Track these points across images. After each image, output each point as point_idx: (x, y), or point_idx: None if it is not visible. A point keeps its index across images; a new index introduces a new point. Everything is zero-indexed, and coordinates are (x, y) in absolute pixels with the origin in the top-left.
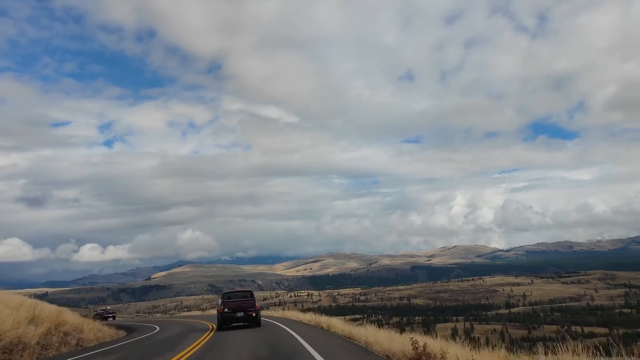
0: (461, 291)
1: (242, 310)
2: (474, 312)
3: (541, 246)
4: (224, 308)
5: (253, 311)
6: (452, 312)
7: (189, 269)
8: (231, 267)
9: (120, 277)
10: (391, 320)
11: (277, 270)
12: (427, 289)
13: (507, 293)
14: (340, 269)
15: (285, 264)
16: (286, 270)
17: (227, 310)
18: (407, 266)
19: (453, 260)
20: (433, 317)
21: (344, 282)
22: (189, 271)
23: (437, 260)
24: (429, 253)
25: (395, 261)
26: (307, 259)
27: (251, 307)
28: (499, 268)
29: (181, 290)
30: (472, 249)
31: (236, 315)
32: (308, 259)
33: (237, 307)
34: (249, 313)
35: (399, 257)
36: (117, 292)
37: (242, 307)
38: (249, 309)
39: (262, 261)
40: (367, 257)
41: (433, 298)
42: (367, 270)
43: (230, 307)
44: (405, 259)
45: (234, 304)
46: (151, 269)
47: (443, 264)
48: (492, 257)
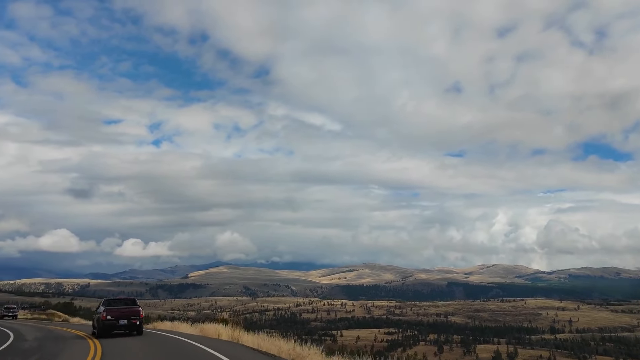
0: (501, 312)
1: (125, 318)
2: (516, 334)
3: (586, 270)
4: (107, 315)
5: (137, 319)
6: (493, 333)
7: (225, 269)
8: (266, 271)
9: (159, 273)
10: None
11: (312, 277)
12: (465, 307)
13: (551, 317)
14: (375, 280)
15: (320, 271)
16: (320, 278)
17: (109, 317)
18: (443, 282)
19: (492, 279)
20: (472, 337)
21: (378, 294)
22: (225, 272)
23: (475, 278)
24: (466, 270)
25: (431, 276)
26: (342, 267)
27: (135, 314)
28: (540, 290)
29: (216, 290)
30: (512, 269)
31: (119, 323)
32: (343, 268)
33: (121, 314)
34: (132, 321)
35: (435, 272)
36: (154, 288)
37: (126, 315)
38: (133, 317)
39: (297, 267)
40: (403, 270)
41: (472, 317)
42: (403, 283)
43: (114, 314)
44: (441, 274)
45: (117, 312)
46: (189, 268)
47: (481, 282)
48: (533, 279)
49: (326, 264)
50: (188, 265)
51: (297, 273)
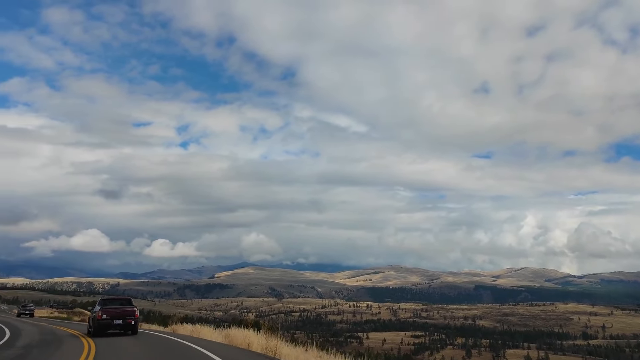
0: (531, 316)
1: (121, 318)
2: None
3: (619, 275)
4: (102, 314)
5: (132, 319)
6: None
7: (251, 270)
8: (292, 273)
9: (186, 273)
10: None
11: (337, 279)
12: (493, 311)
13: (583, 323)
14: (401, 282)
15: (346, 273)
16: (346, 280)
17: (105, 317)
18: (470, 285)
19: (520, 282)
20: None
21: (404, 296)
22: (251, 273)
23: (503, 282)
24: (494, 273)
25: (458, 279)
26: (368, 269)
27: (131, 314)
28: (570, 295)
29: (242, 291)
30: (542, 273)
31: (114, 323)
32: (368, 270)
33: (116, 314)
34: (127, 321)
35: (462, 275)
36: (182, 288)
37: (121, 315)
38: (128, 317)
39: (322, 268)
40: (429, 273)
41: (500, 321)
42: (429, 286)
43: (109, 313)
44: (468, 277)
45: (113, 311)
46: (215, 268)
47: (509, 285)
48: (563, 283)
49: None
50: (215, 266)
51: (322, 274)
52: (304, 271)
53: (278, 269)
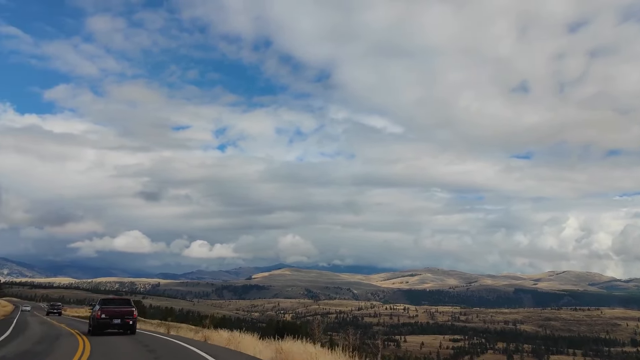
0: (575, 321)
1: (119, 317)
2: (592, 346)
3: None
4: (101, 314)
5: (130, 319)
6: (567, 344)
7: (288, 272)
8: (328, 274)
9: (224, 274)
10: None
11: (373, 281)
12: (534, 315)
13: (631, 329)
14: (438, 285)
15: (382, 275)
16: (382, 282)
17: (104, 316)
18: (510, 288)
19: (562, 286)
20: (544, 346)
21: (442, 299)
22: (287, 274)
23: (544, 285)
24: (534, 276)
25: (497, 282)
26: (404, 271)
27: (129, 314)
28: (616, 299)
29: (279, 292)
30: (585, 276)
31: (113, 322)
32: (405, 272)
33: (115, 313)
34: (126, 320)
35: (501, 278)
36: (220, 288)
37: (120, 314)
38: (126, 317)
39: (358, 270)
40: (467, 276)
41: (542, 326)
42: (467, 289)
43: (108, 313)
44: (508, 280)
45: (112, 311)
46: (252, 269)
47: (551, 289)
48: (608, 287)
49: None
50: (252, 267)
51: (358, 276)
52: (340, 273)
53: (314, 270)
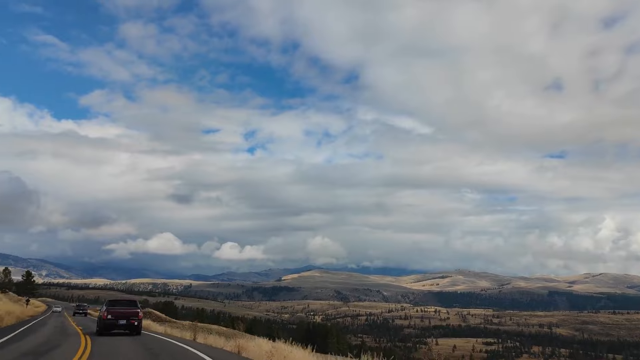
0: (614, 325)
1: (125, 318)
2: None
3: None
4: (107, 315)
5: (136, 320)
6: (606, 349)
7: (317, 273)
8: (357, 276)
9: (254, 276)
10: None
11: (403, 282)
12: (570, 319)
13: None
14: (469, 287)
15: (412, 277)
16: (412, 284)
17: (110, 317)
18: (543, 291)
19: (599, 289)
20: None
21: (473, 302)
22: (317, 276)
23: (580, 288)
24: (569, 279)
25: (530, 284)
26: (434, 273)
27: (134, 315)
28: None
29: (308, 294)
30: (623, 279)
31: (119, 323)
32: (435, 274)
33: (121, 314)
34: (131, 321)
35: (534, 280)
36: (250, 290)
37: (125, 315)
38: (132, 318)
39: (387, 272)
40: (499, 278)
41: (579, 329)
42: (499, 291)
43: (114, 314)
44: (541, 282)
45: (118, 312)
46: (282, 271)
47: (587, 292)
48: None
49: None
50: (281, 269)
51: (388, 278)
52: (369, 275)
53: (343, 272)
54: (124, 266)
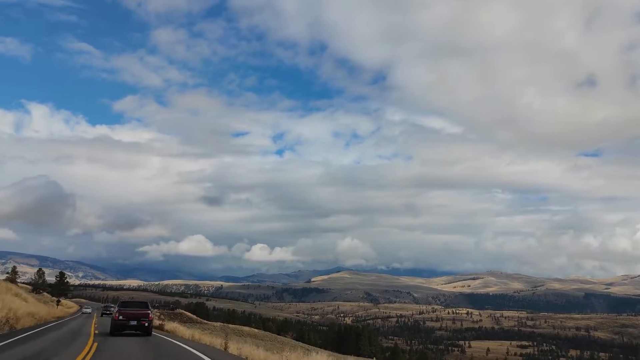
0: None
1: (136, 319)
2: None
3: None
4: (119, 315)
5: (146, 321)
6: None
7: (346, 275)
8: (387, 277)
9: (284, 277)
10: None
11: (434, 284)
12: (609, 321)
13: None
14: (501, 288)
15: (443, 278)
16: (443, 285)
17: (121, 317)
18: (579, 293)
19: (639, 291)
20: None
21: (506, 304)
22: (346, 277)
23: (618, 290)
24: (606, 280)
25: (565, 286)
26: (465, 275)
27: (145, 317)
28: None
29: (338, 295)
30: None
31: (130, 324)
32: (466, 276)
33: (132, 315)
34: (142, 322)
35: (569, 282)
36: (280, 291)
37: (136, 316)
38: (142, 319)
39: (417, 274)
40: (532, 279)
41: (618, 333)
42: (533, 293)
43: (125, 315)
44: (577, 284)
45: (129, 313)
46: (311, 273)
47: (626, 294)
48: None
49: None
50: (311, 270)
51: (418, 280)
52: (399, 276)
53: (373, 273)
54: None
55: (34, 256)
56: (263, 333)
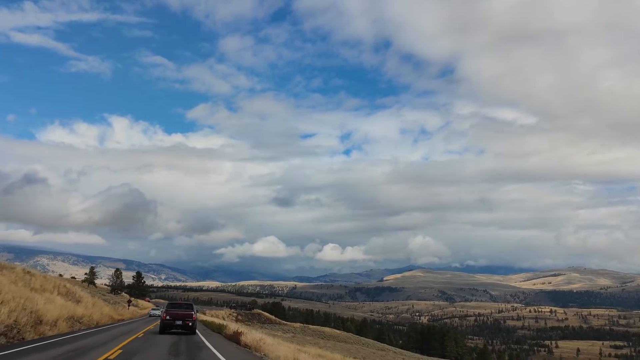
0: None
1: (181, 319)
2: None
3: None
4: (166, 316)
5: (190, 321)
6: None
7: (420, 273)
8: (462, 275)
9: (356, 277)
10: None
11: (512, 281)
12: None
13: None
14: (586, 285)
15: (521, 275)
16: (522, 283)
17: (168, 317)
18: None
19: None
20: None
21: (592, 301)
22: (419, 276)
23: None
24: None
25: None
26: (546, 271)
27: (189, 317)
28: None
29: (412, 294)
30: None
31: (175, 323)
32: (547, 272)
33: (178, 316)
34: (186, 322)
35: None
36: (353, 290)
37: (181, 317)
38: (186, 319)
39: (493, 271)
40: (621, 275)
41: None
42: (622, 289)
43: (172, 315)
44: None
45: (175, 313)
46: (383, 271)
47: None
48: None
49: (526, 267)
50: (382, 269)
51: (495, 277)
52: (475, 274)
53: (447, 271)
54: (233, 269)
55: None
56: (345, 334)
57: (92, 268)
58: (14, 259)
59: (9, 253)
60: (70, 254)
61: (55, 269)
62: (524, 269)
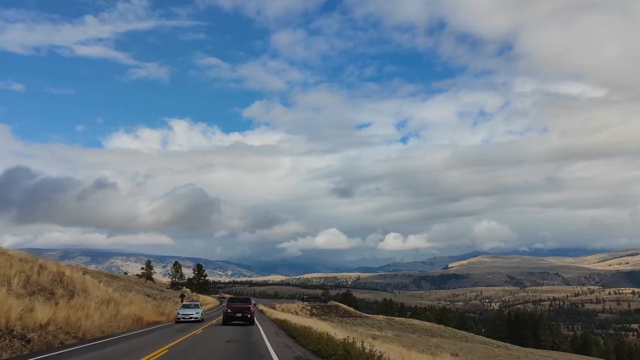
0: None
1: (241, 312)
2: None
3: None
4: (228, 309)
5: (248, 313)
6: None
7: (486, 259)
8: (530, 259)
9: (419, 265)
10: None
11: (584, 263)
12: None
13: None
14: None
15: (595, 256)
16: (596, 264)
17: (229, 311)
18: None
19: None
20: None
21: None
22: (486, 262)
23: None
24: None
25: None
26: (621, 251)
27: (247, 310)
28: None
29: (479, 280)
30: None
31: (236, 315)
32: (623, 252)
33: (237, 309)
34: (245, 314)
35: None
36: (417, 279)
37: (241, 310)
38: (245, 312)
39: (563, 253)
40: None
41: None
42: None
43: (232, 308)
44: None
45: (235, 307)
46: (447, 259)
47: None
48: None
49: (599, 248)
50: (446, 257)
51: (566, 259)
52: (544, 257)
53: (515, 256)
54: (296, 263)
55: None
56: (437, 327)
57: (149, 262)
58: (90, 262)
59: (86, 256)
60: (142, 255)
61: (128, 269)
62: (597, 249)
